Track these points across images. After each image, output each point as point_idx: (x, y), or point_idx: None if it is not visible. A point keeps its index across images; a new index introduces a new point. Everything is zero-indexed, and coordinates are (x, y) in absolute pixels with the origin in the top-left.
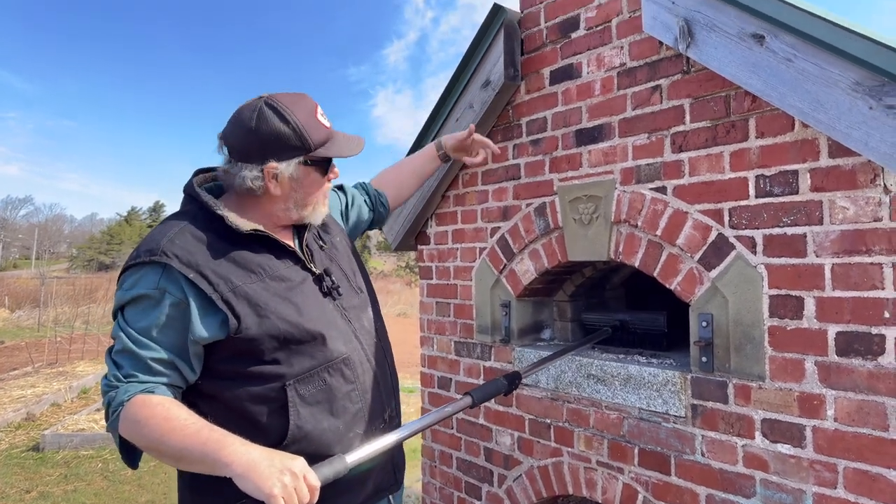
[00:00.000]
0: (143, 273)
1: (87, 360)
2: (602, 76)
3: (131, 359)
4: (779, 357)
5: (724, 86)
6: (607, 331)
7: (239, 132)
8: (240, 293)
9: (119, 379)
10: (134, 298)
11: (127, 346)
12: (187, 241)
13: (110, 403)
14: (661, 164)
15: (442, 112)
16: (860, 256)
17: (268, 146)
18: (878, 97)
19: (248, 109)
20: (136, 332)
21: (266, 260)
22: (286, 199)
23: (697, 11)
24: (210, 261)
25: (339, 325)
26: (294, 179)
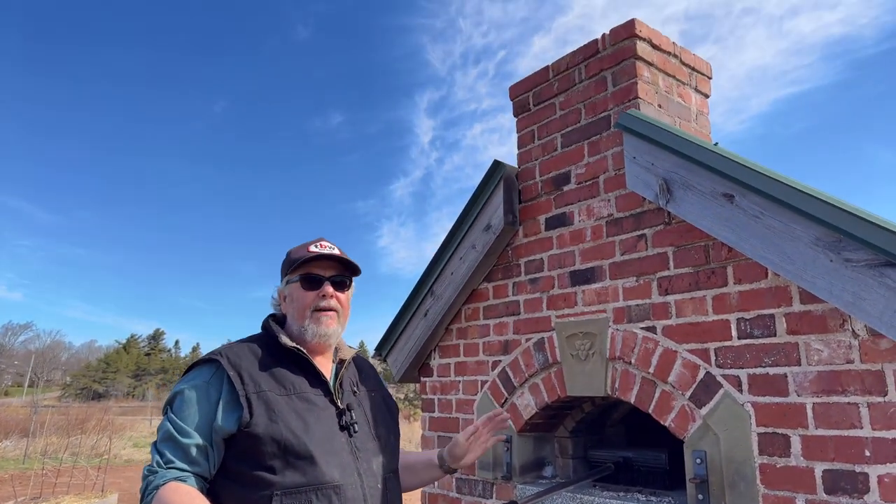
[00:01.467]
0: (199, 370)
1: (72, 495)
2: (592, 224)
3: (173, 446)
4: (771, 495)
5: (702, 236)
6: (610, 467)
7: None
8: (262, 397)
9: (160, 465)
10: (184, 390)
11: (171, 433)
12: (242, 350)
13: (147, 487)
14: (649, 305)
15: (447, 250)
16: (837, 396)
17: (281, 274)
18: (836, 251)
19: None
20: (181, 420)
21: (299, 381)
22: (289, 316)
23: (674, 172)
24: (252, 367)
25: (343, 456)
26: (288, 296)
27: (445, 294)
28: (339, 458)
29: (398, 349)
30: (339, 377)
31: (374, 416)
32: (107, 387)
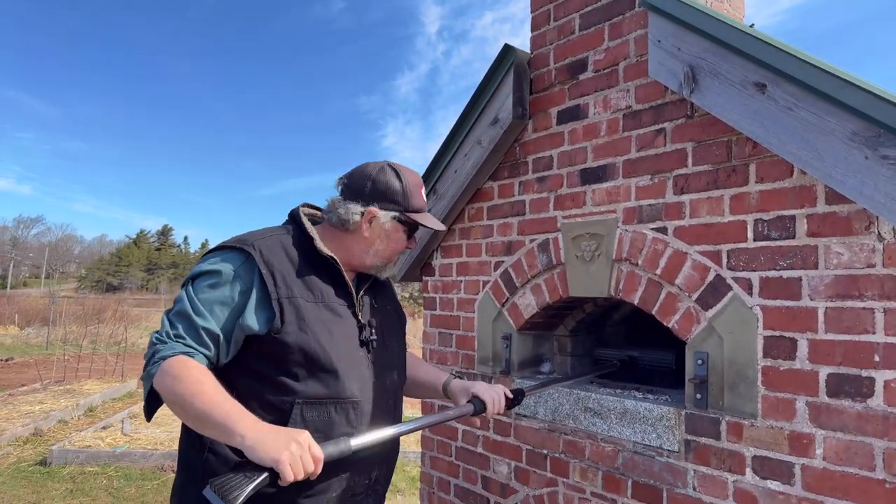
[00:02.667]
0: (227, 255)
1: (94, 379)
2: (608, 117)
3: (186, 323)
4: (771, 396)
5: (726, 131)
6: (616, 364)
7: (359, 176)
8: (293, 303)
9: (169, 336)
10: (210, 271)
11: (186, 310)
12: (274, 245)
13: (154, 354)
14: (662, 205)
15: (451, 147)
16: (853, 301)
17: (377, 193)
18: (873, 147)
19: (373, 164)
20: (200, 301)
21: (327, 289)
22: (369, 244)
23: (702, 58)
24: (284, 267)
25: (362, 371)
26: (384, 230)
27: (448, 193)
28: (359, 372)
29: None
30: (361, 290)
31: (389, 331)
32: (121, 279)
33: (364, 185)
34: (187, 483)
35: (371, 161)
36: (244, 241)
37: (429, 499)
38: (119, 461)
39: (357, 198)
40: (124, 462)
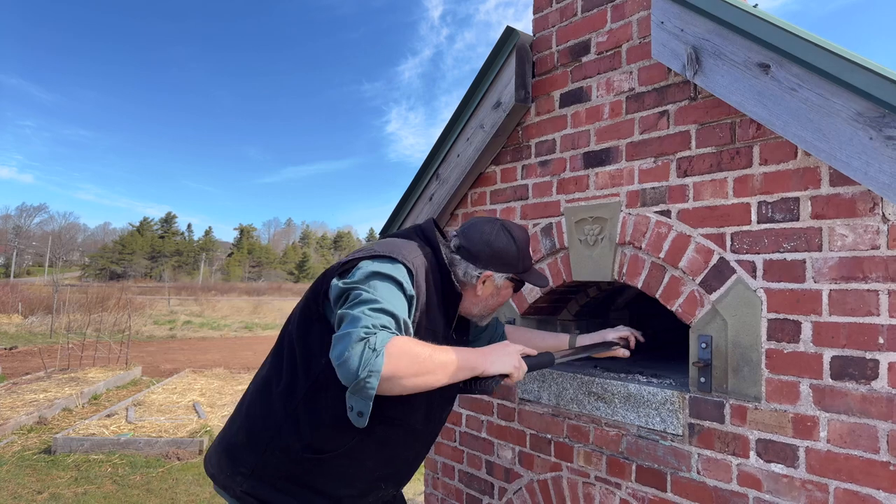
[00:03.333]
0: (395, 264)
1: (98, 367)
2: (611, 100)
3: (389, 315)
4: (775, 379)
5: (729, 113)
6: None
7: (477, 241)
8: (420, 327)
9: (375, 327)
10: (385, 275)
11: (386, 306)
12: (423, 270)
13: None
14: (666, 188)
15: (453, 131)
16: (857, 283)
17: (494, 258)
18: (878, 128)
19: (488, 225)
20: (390, 297)
21: (441, 322)
22: (480, 300)
23: (705, 39)
24: (424, 292)
25: (432, 401)
26: (496, 288)
27: (451, 177)
28: (428, 404)
29: None
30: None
31: None
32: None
33: (482, 250)
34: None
35: (485, 220)
36: (405, 256)
37: (433, 484)
38: (124, 449)
39: (475, 261)
40: (129, 450)
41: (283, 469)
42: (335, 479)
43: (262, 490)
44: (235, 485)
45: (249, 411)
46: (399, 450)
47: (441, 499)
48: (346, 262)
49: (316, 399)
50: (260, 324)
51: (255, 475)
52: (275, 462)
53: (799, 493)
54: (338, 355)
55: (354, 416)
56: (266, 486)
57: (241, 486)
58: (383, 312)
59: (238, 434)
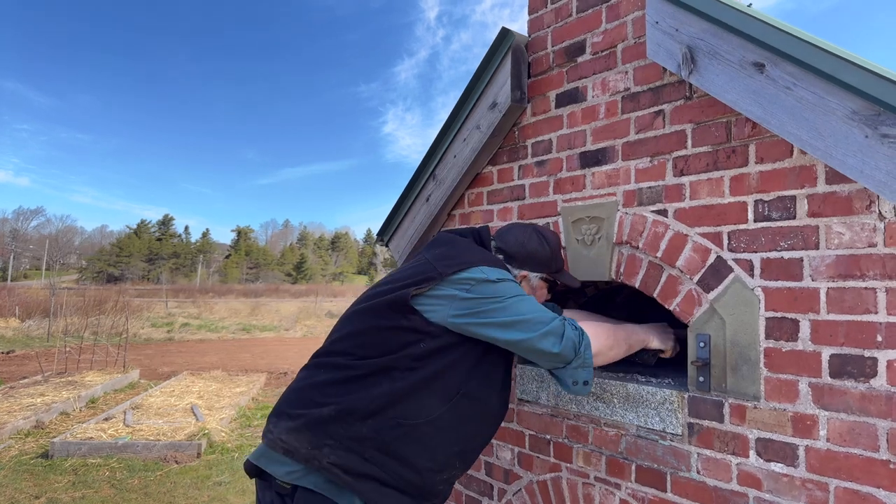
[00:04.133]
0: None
1: (95, 371)
2: (607, 100)
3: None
4: (774, 378)
5: (725, 112)
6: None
7: (514, 244)
8: None
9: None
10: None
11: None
12: None
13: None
14: (662, 188)
15: (450, 132)
16: (854, 281)
17: (529, 259)
18: (873, 126)
19: (522, 229)
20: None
21: None
22: None
23: (700, 39)
24: None
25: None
26: (532, 287)
27: (448, 178)
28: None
29: (399, 235)
30: None
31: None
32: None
33: (518, 252)
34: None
35: (519, 225)
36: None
37: None
38: (121, 452)
39: (511, 262)
40: (127, 453)
41: (375, 438)
42: (420, 449)
43: (351, 461)
44: (322, 456)
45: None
46: (476, 426)
47: None
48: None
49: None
50: (258, 326)
51: (344, 446)
52: (366, 431)
53: (799, 493)
54: (553, 343)
55: (581, 387)
56: (356, 457)
57: (328, 458)
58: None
59: (324, 409)
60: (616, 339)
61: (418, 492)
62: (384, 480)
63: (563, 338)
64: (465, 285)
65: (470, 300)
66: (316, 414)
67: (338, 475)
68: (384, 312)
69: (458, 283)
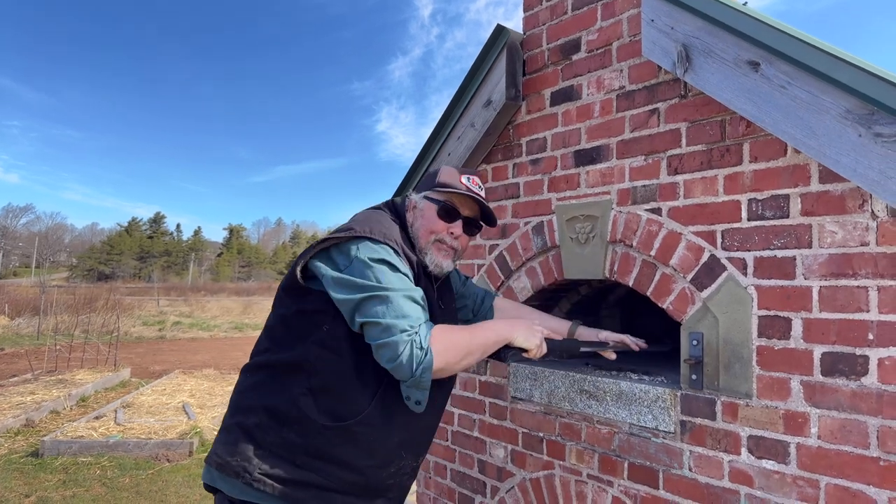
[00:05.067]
0: (380, 247)
1: (86, 369)
2: (601, 98)
3: (408, 301)
4: (766, 376)
5: (719, 111)
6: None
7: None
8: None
9: (412, 326)
10: (382, 261)
11: (398, 294)
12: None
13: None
14: (657, 186)
15: (444, 130)
16: (847, 279)
17: (416, 186)
18: (867, 125)
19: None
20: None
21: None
22: (412, 227)
23: (695, 37)
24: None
25: None
26: (419, 209)
27: None
28: None
29: None
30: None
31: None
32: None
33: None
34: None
35: None
36: (385, 234)
37: (425, 484)
38: (113, 451)
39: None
40: (118, 452)
41: (304, 444)
42: (356, 449)
43: (283, 469)
44: (252, 468)
45: (261, 392)
46: (412, 414)
47: (433, 498)
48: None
49: (324, 369)
50: (250, 324)
51: (273, 454)
52: (294, 437)
53: (790, 490)
54: (388, 360)
55: (412, 405)
56: (287, 464)
57: (258, 469)
58: (408, 302)
59: (249, 418)
60: (470, 348)
61: (364, 491)
62: (323, 485)
63: (398, 357)
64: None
65: (335, 277)
66: (244, 422)
67: (272, 486)
68: (284, 299)
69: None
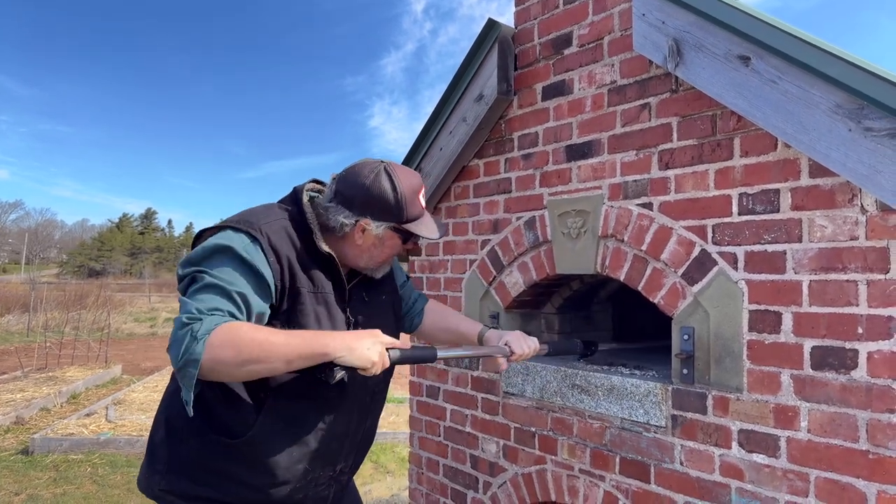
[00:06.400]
0: (233, 234)
1: (76, 366)
2: (593, 93)
3: (217, 292)
4: (756, 370)
5: (710, 105)
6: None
7: (352, 182)
8: (294, 292)
9: (201, 312)
10: (219, 247)
11: (213, 281)
12: (280, 233)
13: (191, 335)
14: (648, 181)
15: (436, 124)
16: (836, 274)
17: (370, 204)
18: (857, 119)
19: (368, 167)
20: (217, 272)
21: (325, 282)
22: (363, 251)
23: (686, 32)
24: (290, 254)
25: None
26: (378, 238)
27: (434, 171)
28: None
29: None
30: (351, 284)
31: (376, 323)
32: (103, 264)
33: (356, 195)
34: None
35: (367, 161)
36: (250, 223)
37: (418, 479)
38: (104, 448)
39: (349, 206)
40: (109, 449)
41: (198, 459)
42: (251, 468)
43: (179, 484)
44: (154, 484)
45: (165, 404)
46: (316, 427)
47: (426, 494)
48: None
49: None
50: None
51: (171, 470)
52: (187, 452)
53: (780, 483)
54: (169, 345)
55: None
56: (184, 480)
57: (159, 485)
58: (216, 293)
59: (157, 431)
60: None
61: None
62: (225, 501)
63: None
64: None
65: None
66: (152, 437)
67: (173, 502)
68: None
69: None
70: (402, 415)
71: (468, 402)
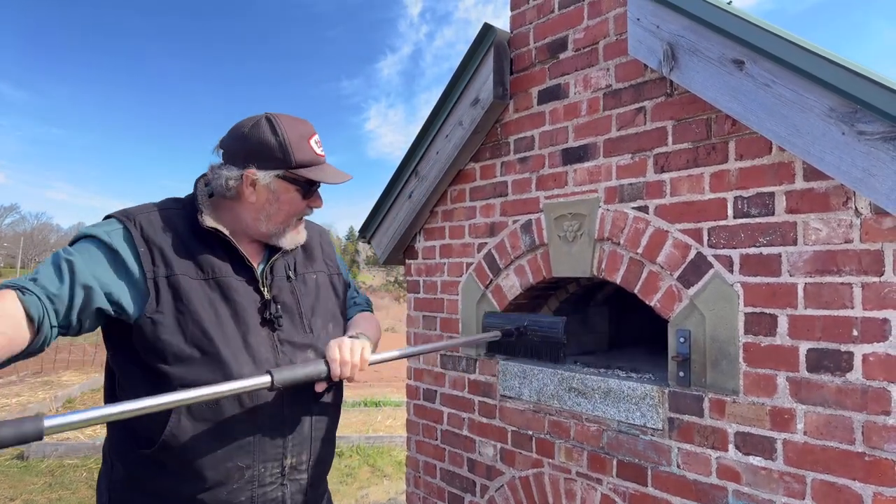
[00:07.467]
0: (106, 225)
1: (72, 370)
2: (588, 97)
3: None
4: (752, 372)
5: (705, 109)
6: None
7: (232, 136)
8: (173, 282)
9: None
10: (87, 236)
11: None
12: (157, 221)
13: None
14: (643, 184)
15: (432, 128)
16: (831, 276)
17: (252, 153)
18: (850, 123)
19: (248, 119)
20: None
21: (222, 265)
22: (259, 210)
23: (681, 36)
24: (166, 243)
25: (260, 352)
26: (271, 191)
27: (430, 175)
28: (254, 353)
29: (382, 232)
30: (270, 262)
31: (310, 303)
32: None
33: (238, 148)
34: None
35: (248, 116)
36: (127, 213)
37: (415, 483)
38: (99, 453)
39: (233, 162)
40: None
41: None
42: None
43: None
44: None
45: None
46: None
47: (423, 497)
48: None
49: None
50: None
51: (107, 487)
52: (120, 480)
53: (777, 485)
54: None
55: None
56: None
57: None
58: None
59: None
60: None
61: None
62: None
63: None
64: None
65: None
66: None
67: None
68: None
69: None
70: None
71: (465, 405)
